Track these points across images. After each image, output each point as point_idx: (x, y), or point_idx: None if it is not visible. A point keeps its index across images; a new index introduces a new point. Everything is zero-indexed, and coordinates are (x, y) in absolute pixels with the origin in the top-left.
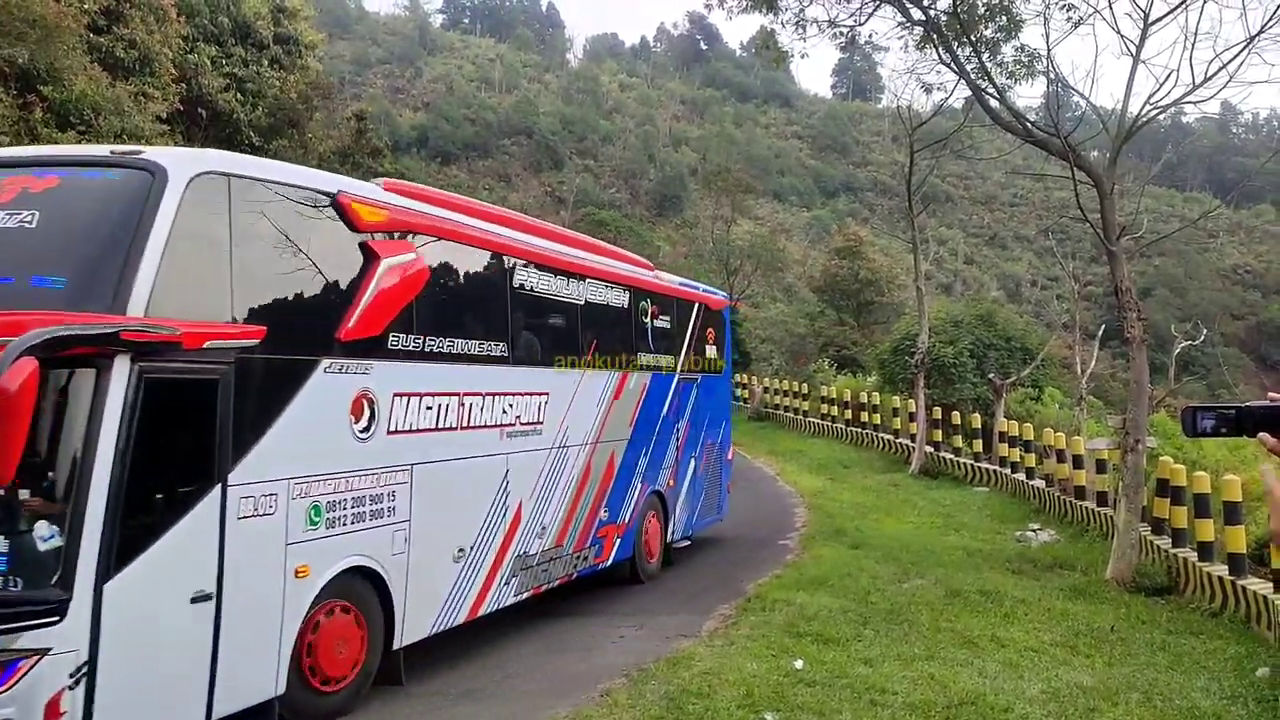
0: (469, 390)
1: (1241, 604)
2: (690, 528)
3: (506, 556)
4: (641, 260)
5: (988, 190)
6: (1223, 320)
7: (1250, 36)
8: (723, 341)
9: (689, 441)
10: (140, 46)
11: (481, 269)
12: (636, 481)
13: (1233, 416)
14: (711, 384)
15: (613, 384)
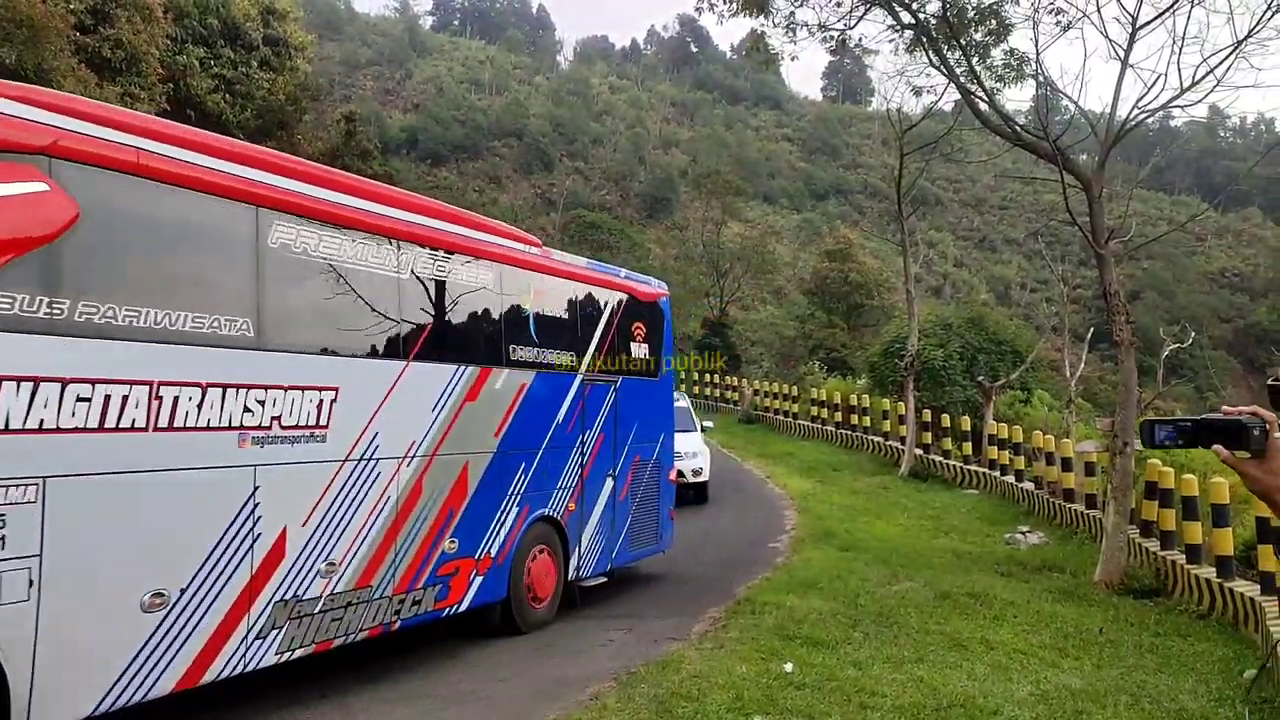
0: (174, 379)
1: (1229, 606)
2: (609, 561)
3: (258, 601)
4: (522, 234)
5: (977, 193)
6: (1210, 323)
7: (1237, 41)
8: (658, 340)
9: (603, 457)
10: (127, 46)
11: (202, 219)
12: (510, 505)
13: (1189, 428)
14: (640, 389)
15: (464, 382)
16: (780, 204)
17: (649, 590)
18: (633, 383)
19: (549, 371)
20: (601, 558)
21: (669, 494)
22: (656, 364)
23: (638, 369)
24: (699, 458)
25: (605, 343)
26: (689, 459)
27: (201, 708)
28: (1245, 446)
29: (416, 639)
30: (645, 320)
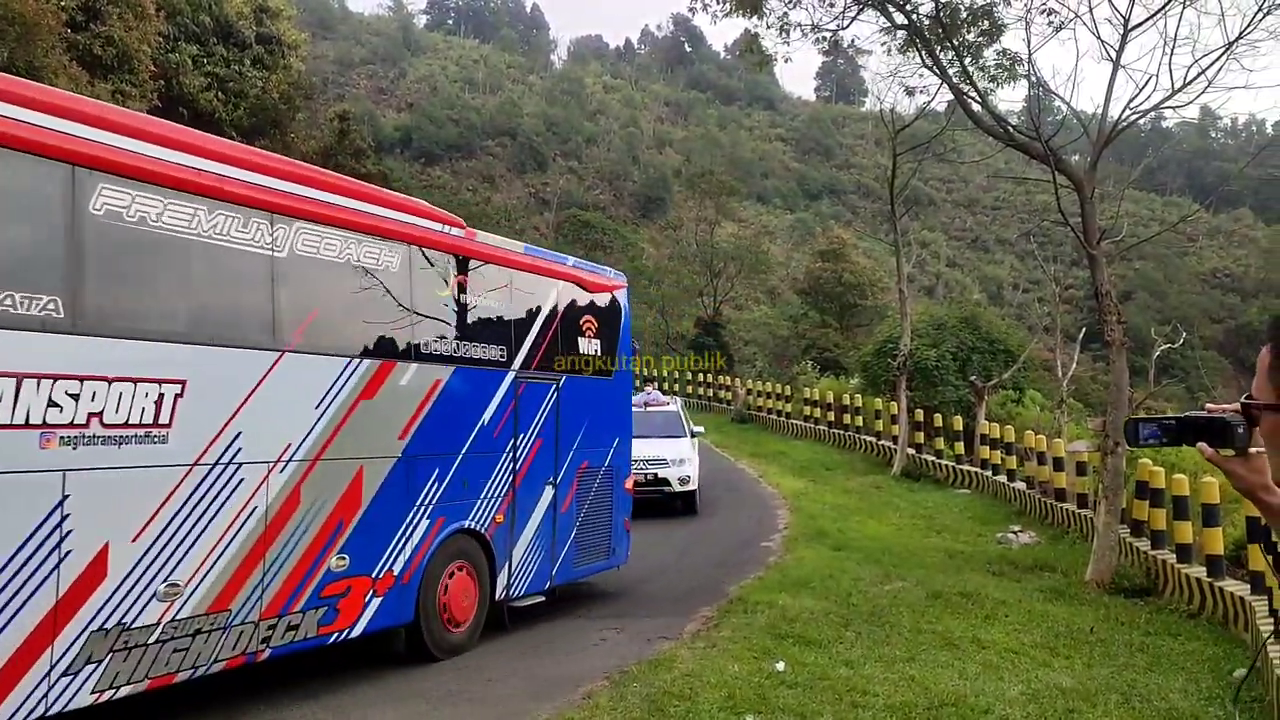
0: None
1: (1219, 605)
2: (547, 579)
3: (66, 631)
4: (443, 214)
5: (970, 194)
6: (1202, 323)
7: (1228, 42)
8: (612, 335)
9: (542, 464)
10: (119, 44)
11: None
12: (419, 517)
13: (1173, 427)
14: (590, 389)
15: (359, 377)
16: (774, 204)
17: (641, 590)
18: (580, 382)
19: (473, 367)
20: (538, 575)
21: (624, 504)
22: (610, 362)
23: (587, 367)
24: (686, 465)
25: (546, 337)
26: (674, 466)
27: (192, 708)
28: (1230, 444)
29: None
30: (597, 314)
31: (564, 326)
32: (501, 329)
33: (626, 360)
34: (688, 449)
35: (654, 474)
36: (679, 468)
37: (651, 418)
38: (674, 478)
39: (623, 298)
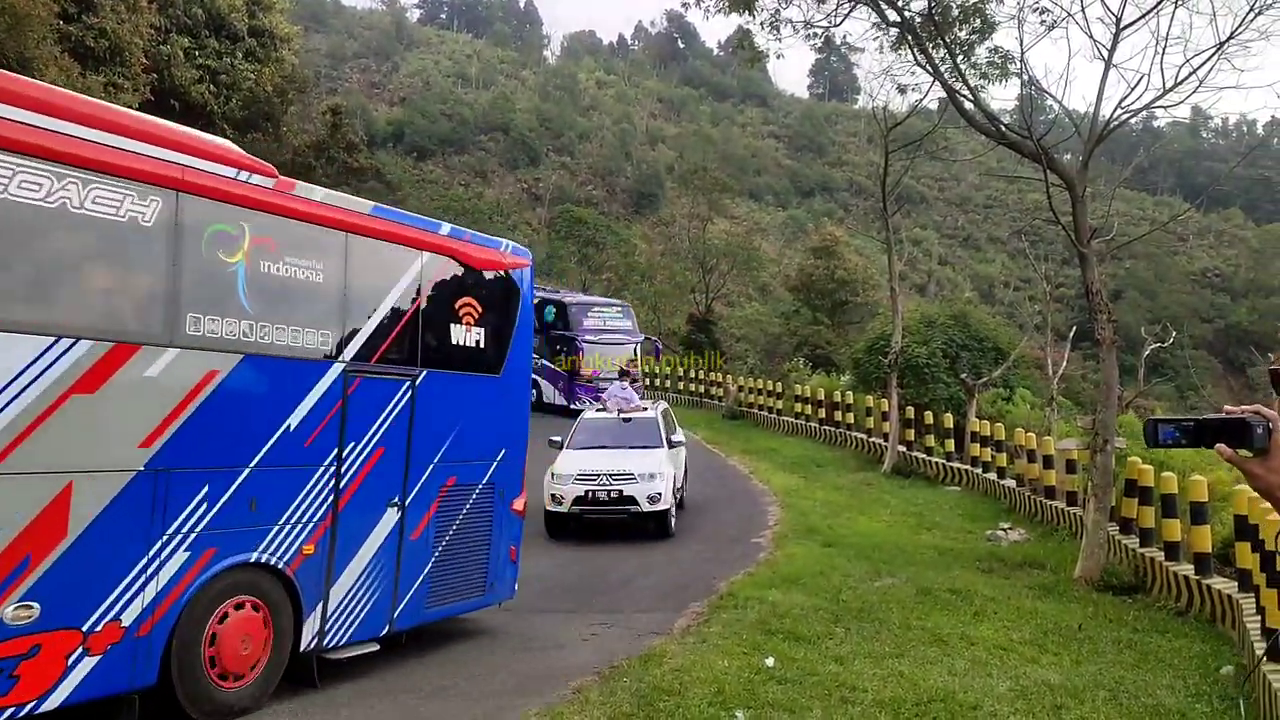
0: None
1: (1207, 603)
2: (384, 622)
3: None
4: (242, 157)
5: (962, 192)
6: (1191, 323)
7: (1220, 42)
8: (506, 324)
9: (383, 480)
10: (111, 36)
11: None
12: (171, 548)
13: (1191, 428)
14: (466, 389)
15: (69, 363)
16: (766, 201)
17: (631, 585)
18: (450, 380)
19: (274, 357)
20: (371, 618)
21: (509, 529)
22: (499, 356)
23: (463, 361)
24: (657, 481)
25: (398, 322)
26: (644, 482)
27: None
28: (1249, 445)
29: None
30: (482, 296)
31: (429, 310)
32: (326, 309)
33: (524, 355)
34: (662, 462)
35: (618, 491)
36: (649, 484)
37: (621, 426)
38: (642, 496)
39: (523, 279)
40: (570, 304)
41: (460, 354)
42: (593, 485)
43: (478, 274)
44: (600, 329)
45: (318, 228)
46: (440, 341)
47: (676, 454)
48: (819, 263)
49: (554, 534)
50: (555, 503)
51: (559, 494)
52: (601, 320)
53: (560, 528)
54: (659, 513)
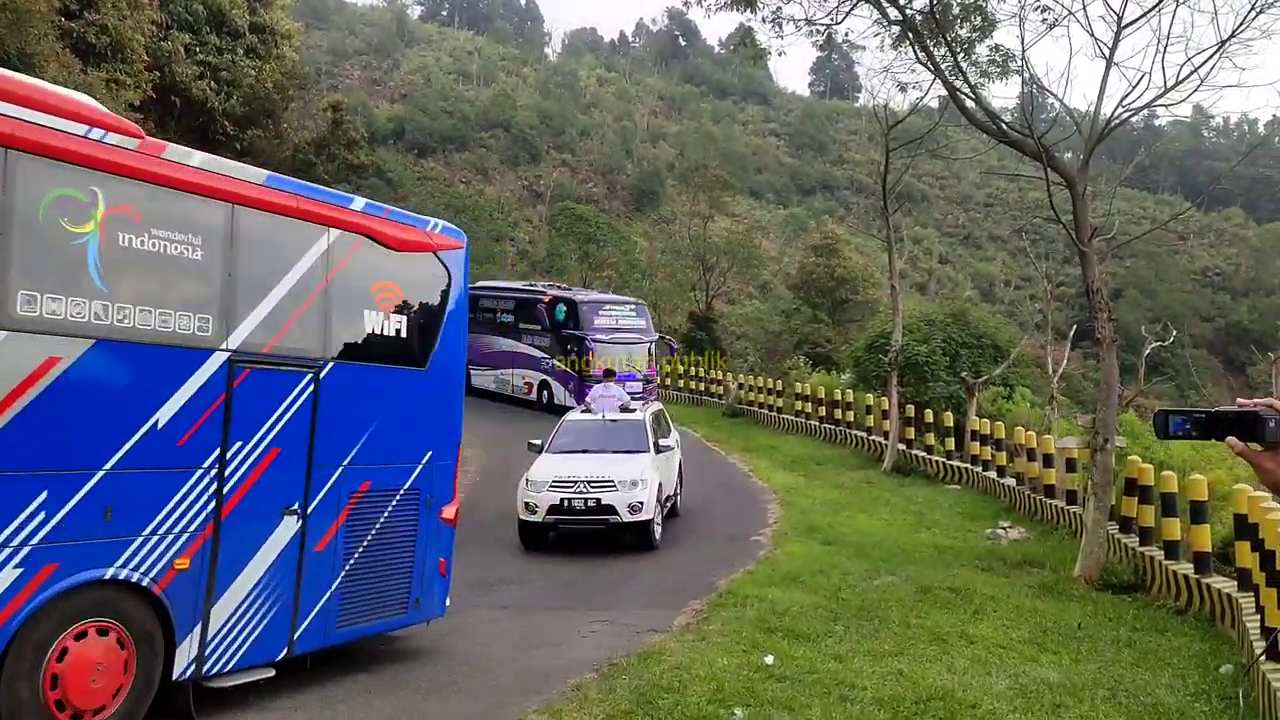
0: None
1: (1206, 602)
2: (283, 644)
3: None
4: (94, 110)
5: (963, 190)
6: (1192, 322)
7: (1221, 41)
8: (432, 311)
9: (277, 485)
10: (112, 32)
11: None
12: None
13: (1203, 420)
14: (383, 383)
15: None
16: (767, 199)
17: (630, 583)
18: (364, 373)
19: (135, 343)
20: (265, 640)
21: (438, 539)
22: (425, 348)
23: (380, 352)
24: (639, 489)
25: (299, 307)
26: (625, 490)
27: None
28: (1260, 438)
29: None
30: (405, 280)
31: (337, 294)
32: (206, 290)
33: (458, 347)
34: (646, 468)
35: (595, 499)
36: (630, 492)
37: (606, 429)
38: (622, 505)
39: (455, 262)
40: (581, 302)
41: (377, 344)
42: (569, 493)
43: (399, 256)
44: (612, 328)
45: (196, 197)
46: (352, 330)
47: (667, 459)
48: (819, 261)
49: (529, 545)
50: (529, 511)
51: (533, 502)
52: (613, 319)
53: (535, 538)
54: (640, 523)
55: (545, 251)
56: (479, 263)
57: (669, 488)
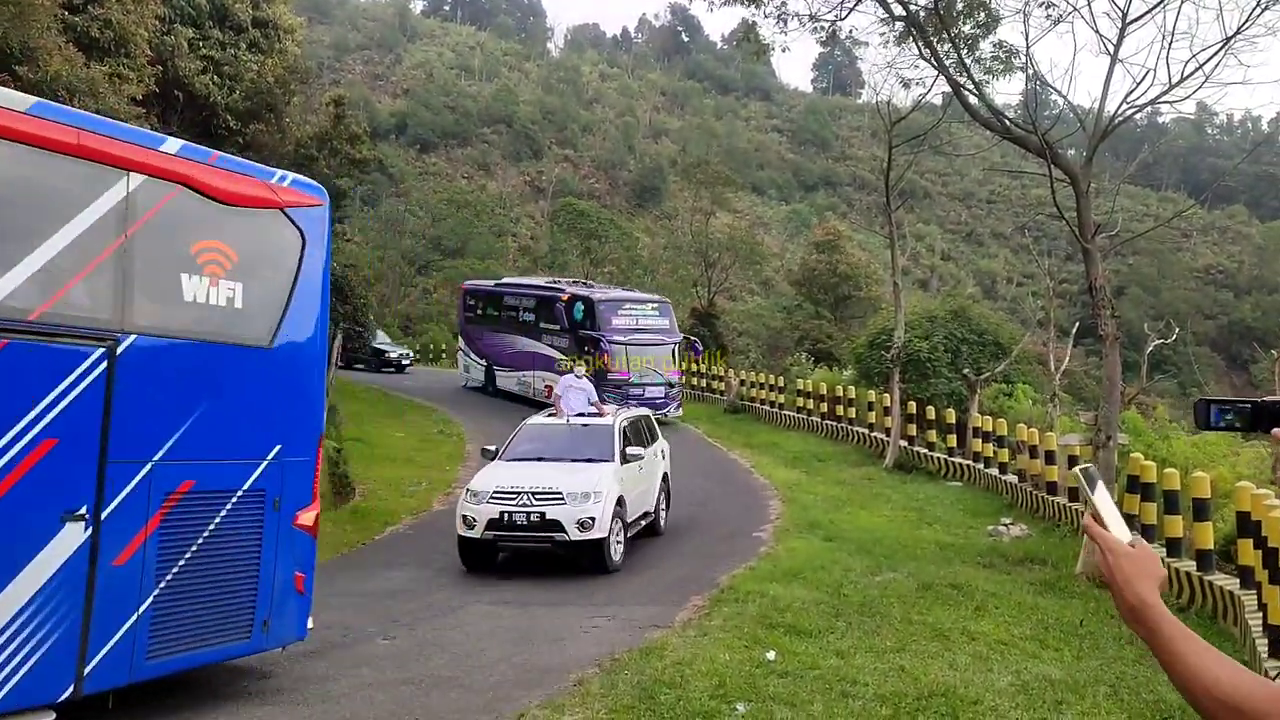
0: None
1: (1209, 599)
2: (69, 680)
3: None
4: None
5: (965, 187)
6: (1195, 319)
7: (1226, 37)
8: (278, 278)
9: (54, 483)
10: (116, 27)
11: None
12: None
13: (1248, 411)
14: (209, 363)
15: None
16: (769, 195)
17: (632, 578)
18: (182, 350)
19: None
20: (40, 676)
21: (291, 550)
22: (269, 322)
23: (205, 325)
24: (591, 503)
25: (84, 266)
26: (575, 504)
27: (185, 691)
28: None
29: (395, 624)
30: (239, 241)
31: (142, 252)
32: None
33: (319, 324)
34: (605, 479)
35: (539, 514)
36: (580, 506)
37: (571, 434)
38: (570, 520)
39: (310, 223)
40: (598, 300)
41: (200, 316)
42: (510, 506)
43: (232, 212)
44: (631, 328)
45: None
46: (163, 297)
47: (641, 471)
48: (821, 257)
49: (471, 565)
50: (466, 526)
51: (471, 516)
52: (633, 319)
53: (477, 558)
54: (591, 543)
55: (547, 247)
56: (480, 259)
57: (644, 504)
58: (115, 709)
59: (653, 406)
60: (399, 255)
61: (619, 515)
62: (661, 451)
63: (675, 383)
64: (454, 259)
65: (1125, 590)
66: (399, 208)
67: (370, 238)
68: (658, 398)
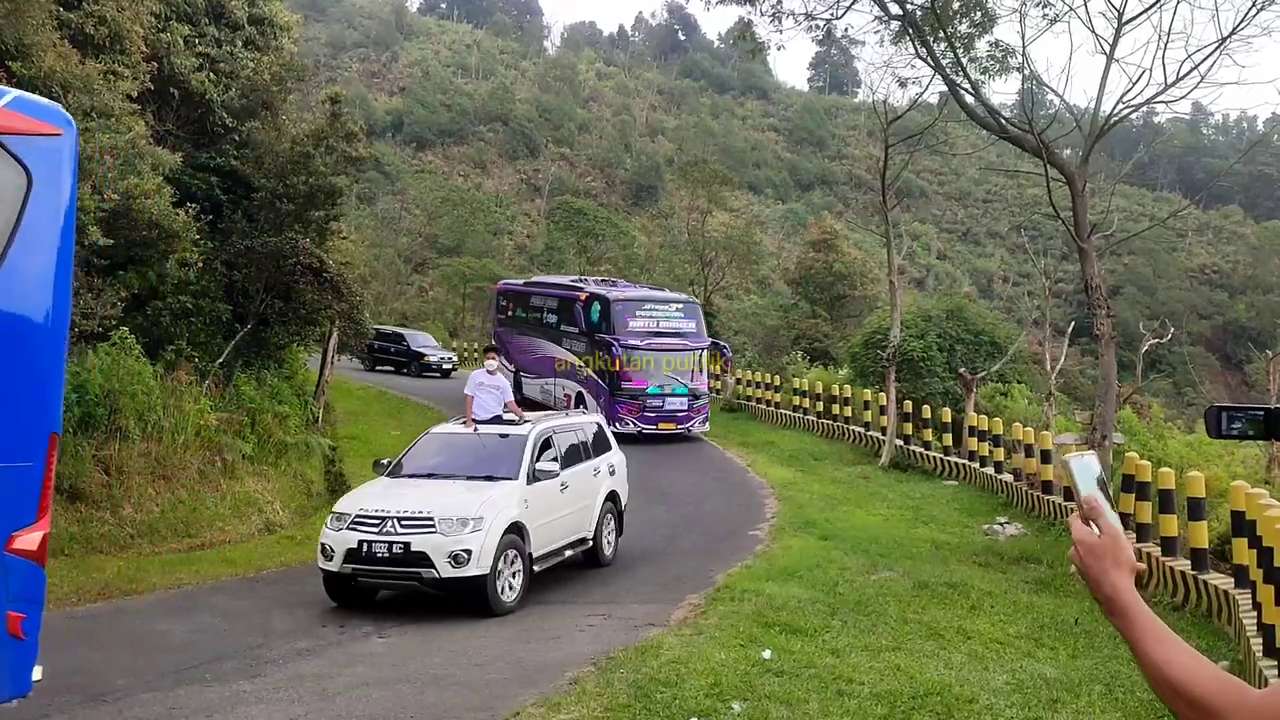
0: None
1: (1203, 598)
2: None
3: None
4: None
5: (962, 186)
6: (1190, 319)
7: (1222, 38)
8: None
9: None
10: (110, 23)
11: None
12: None
13: (1261, 419)
14: None
15: None
16: (765, 194)
17: (628, 577)
18: None
19: None
20: None
21: (8, 583)
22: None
23: None
24: (468, 532)
25: None
26: (450, 533)
27: (181, 690)
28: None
29: (390, 621)
30: None
31: None
32: None
33: (38, 279)
34: (495, 503)
35: (403, 544)
36: (456, 536)
37: (479, 445)
38: (440, 553)
39: (41, 157)
40: (613, 300)
41: None
42: (371, 534)
43: None
44: (649, 331)
45: None
46: None
47: (571, 489)
48: (818, 256)
49: (340, 600)
50: (324, 556)
51: (329, 544)
52: (652, 320)
53: (345, 591)
54: (467, 581)
55: (543, 245)
56: (476, 257)
57: (569, 530)
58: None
59: (673, 421)
60: (395, 253)
61: (515, 546)
62: (610, 467)
63: (701, 393)
64: (450, 257)
65: (1102, 581)
66: (395, 206)
67: (366, 235)
68: (679, 411)
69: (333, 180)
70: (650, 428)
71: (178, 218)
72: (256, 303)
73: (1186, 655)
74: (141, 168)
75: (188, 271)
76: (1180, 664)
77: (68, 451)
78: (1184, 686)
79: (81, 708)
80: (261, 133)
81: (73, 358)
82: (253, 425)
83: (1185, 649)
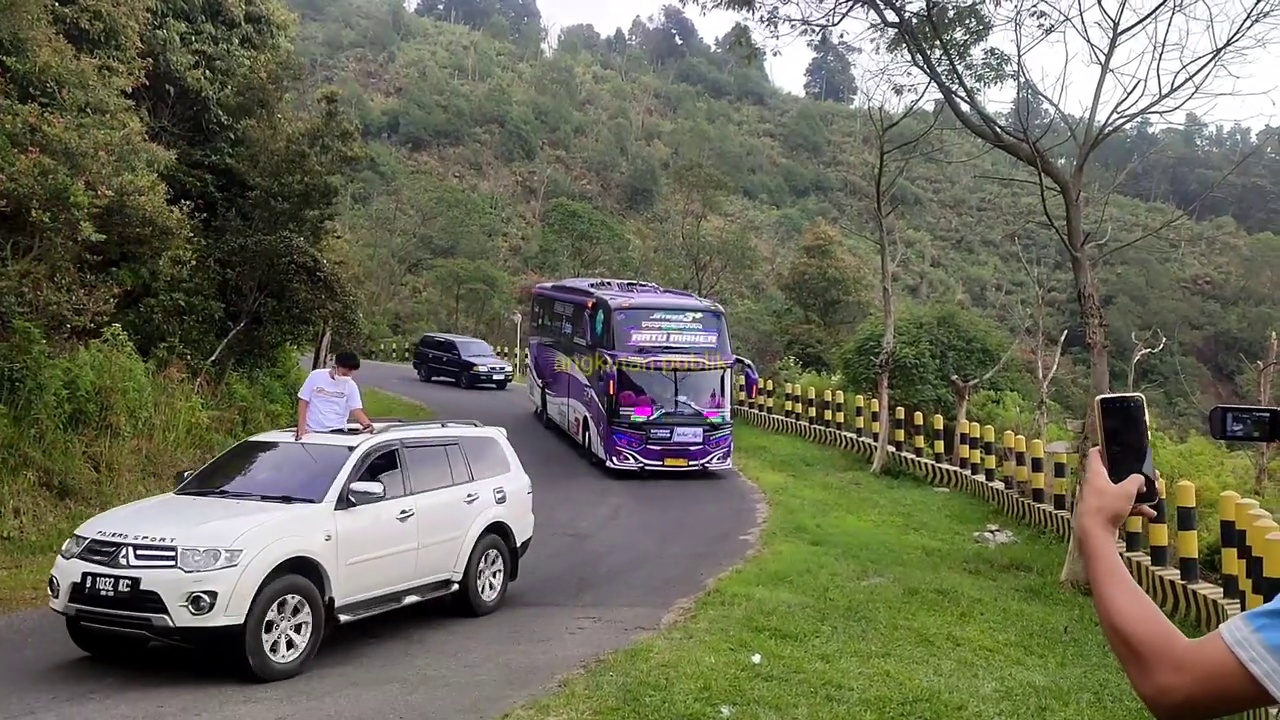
0: None
1: (1192, 608)
2: None
3: None
4: None
5: (956, 194)
6: (1182, 329)
7: (1216, 49)
8: None
9: None
10: (106, 19)
11: None
12: None
13: (1266, 420)
14: None
15: None
16: (760, 199)
17: (619, 580)
18: None
19: None
20: None
21: None
22: None
23: None
24: (217, 569)
25: None
26: (186, 567)
27: (169, 688)
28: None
29: (380, 623)
30: None
31: None
32: None
33: None
34: (265, 532)
35: (130, 581)
36: (200, 574)
37: (290, 457)
38: (176, 595)
39: None
40: (615, 308)
41: None
42: (98, 565)
43: None
44: (656, 345)
45: None
46: None
47: (412, 520)
48: (812, 262)
49: (96, 651)
50: (53, 592)
51: (56, 576)
52: (662, 332)
53: (83, 639)
54: (211, 632)
55: (538, 248)
56: (471, 258)
57: (414, 570)
58: (91, 702)
59: (684, 456)
60: (389, 253)
61: (299, 590)
62: (498, 492)
63: (721, 422)
64: (444, 258)
65: (1081, 519)
66: (390, 206)
67: (360, 235)
68: (692, 443)
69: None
70: (654, 463)
71: (172, 215)
72: (250, 301)
73: (1130, 597)
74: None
75: (181, 269)
76: (1121, 606)
77: (58, 448)
78: (1121, 628)
79: None
80: (257, 131)
81: (65, 353)
82: (244, 424)
83: (1133, 591)
